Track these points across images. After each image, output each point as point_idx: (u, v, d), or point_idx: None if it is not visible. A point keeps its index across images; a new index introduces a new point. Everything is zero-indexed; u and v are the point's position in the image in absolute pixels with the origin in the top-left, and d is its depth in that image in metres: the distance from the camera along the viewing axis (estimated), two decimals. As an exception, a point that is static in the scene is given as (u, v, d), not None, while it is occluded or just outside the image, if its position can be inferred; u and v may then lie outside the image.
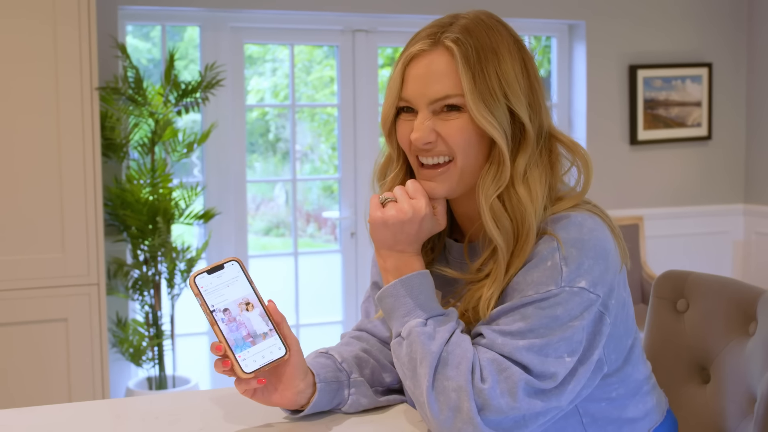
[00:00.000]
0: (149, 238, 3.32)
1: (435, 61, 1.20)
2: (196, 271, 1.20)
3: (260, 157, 6.04)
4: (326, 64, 5.05)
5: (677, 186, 4.48)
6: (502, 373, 1.12)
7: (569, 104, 4.40)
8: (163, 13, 3.76)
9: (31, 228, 2.97)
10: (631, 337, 1.28)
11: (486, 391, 1.11)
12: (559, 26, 4.36)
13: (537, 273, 1.15)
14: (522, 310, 1.14)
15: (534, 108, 1.22)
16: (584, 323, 1.15)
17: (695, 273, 1.58)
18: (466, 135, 1.20)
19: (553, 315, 1.13)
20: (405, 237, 1.21)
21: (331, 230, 5.62)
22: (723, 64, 4.50)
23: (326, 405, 1.29)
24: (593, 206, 1.24)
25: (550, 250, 1.16)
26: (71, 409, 1.38)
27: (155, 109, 3.35)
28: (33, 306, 2.98)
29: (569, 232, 1.17)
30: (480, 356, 1.14)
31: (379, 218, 1.21)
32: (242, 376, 1.16)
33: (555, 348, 1.13)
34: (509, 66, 1.19)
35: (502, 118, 1.18)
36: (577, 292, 1.14)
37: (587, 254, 1.16)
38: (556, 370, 1.13)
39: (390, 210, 1.21)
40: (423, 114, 1.21)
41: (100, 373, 3.07)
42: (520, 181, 1.19)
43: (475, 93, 1.17)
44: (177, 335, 3.62)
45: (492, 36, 1.20)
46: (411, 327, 1.16)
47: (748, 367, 1.40)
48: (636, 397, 1.29)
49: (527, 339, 1.13)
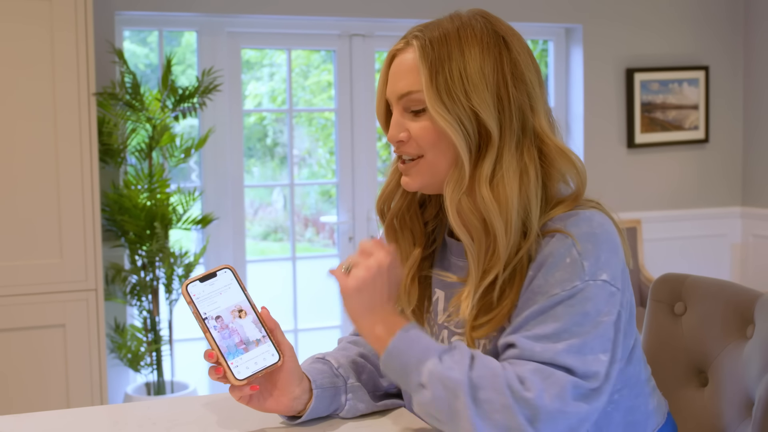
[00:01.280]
0: (147, 244, 3.32)
1: (404, 59, 1.22)
2: (188, 279, 1.20)
3: (258, 162, 6.05)
4: (323, 68, 5.06)
5: (675, 189, 4.49)
6: (548, 380, 1.09)
7: (566, 108, 4.40)
8: (160, 19, 3.76)
9: (29, 233, 2.96)
10: (633, 337, 1.27)
11: (533, 399, 1.07)
12: (556, 30, 4.36)
13: (558, 272, 1.14)
14: (552, 311, 1.13)
15: (508, 107, 1.19)
16: (612, 318, 1.14)
17: (693, 276, 1.58)
18: (433, 134, 1.20)
19: (584, 311, 1.12)
20: (380, 293, 1.20)
21: (329, 235, 5.62)
22: (720, 67, 4.51)
23: (323, 411, 1.29)
24: (596, 203, 1.24)
25: (565, 247, 1.15)
26: (70, 415, 1.38)
27: (152, 115, 3.35)
28: (31, 312, 2.98)
29: (580, 228, 1.16)
30: (521, 369, 1.10)
31: (351, 286, 1.19)
32: (234, 383, 1.16)
33: (591, 347, 1.12)
34: (476, 64, 1.17)
35: (463, 117, 1.17)
36: (601, 285, 1.14)
37: (602, 247, 1.16)
38: (597, 369, 1.11)
39: (358, 272, 1.19)
40: (396, 111, 1.24)
41: (98, 378, 3.06)
42: (485, 183, 1.18)
43: (432, 90, 1.17)
44: (175, 340, 3.62)
45: (464, 34, 1.19)
46: (429, 370, 1.12)
47: (746, 370, 1.40)
48: (638, 399, 1.28)
49: (564, 340, 1.11)
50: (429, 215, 1.35)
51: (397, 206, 1.33)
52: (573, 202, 1.22)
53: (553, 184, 1.23)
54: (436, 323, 1.31)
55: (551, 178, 1.22)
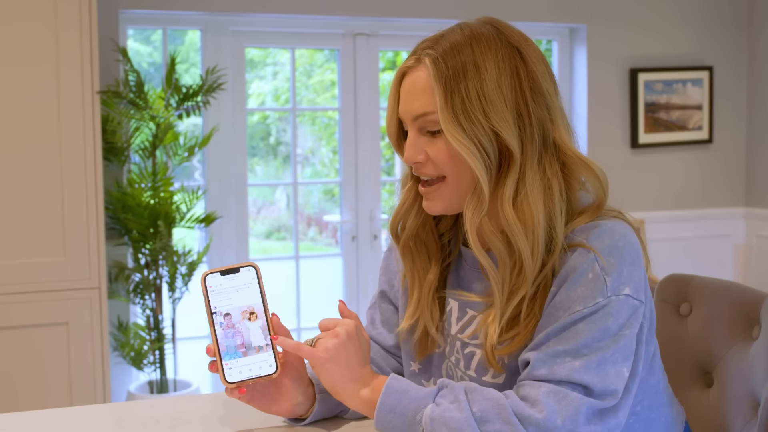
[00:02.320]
0: (150, 242, 3.32)
1: (417, 78, 1.18)
2: (210, 269, 1.18)
3: (261, 161, 6.04)
4: (327, 67, 5.06)
5: (678, 189, 4.48)
6: (561, 402, 1.08)
7: (570, 108, 4.40)
8: (164, 17, 3.76)
9: (33, 232, 2.96)
10: (653, 345, 1.25)
11: (543, 421, 1.06)
12: (560, 30, 4.36)
13: (581, 287, 1.11)
14: (573, 327, 1.11)
15: (529, 123, 1.15)
16: (633, 330, 1.13)
17: (698, 277, 1.57)
18: (452, 155, 1.16)
19: (605, 327, 1.10)
20: (355, 357, 1.18)
21: (332, 234, 5.62)
22: (724, 67, 4.50)
23: (327, 413, 1.29)
24: (617, 212, 1.21)
25: (588, 262, 1.12)
26: (73, 413, 1.37)
27: (156, 113, 3.35)
28: (34, 310, 2.98)
29: (603, 241, 1.13)
30: (535, 392, 1.09)
31: (323, 357, 1.16)
32: (223, 382, 1.15)
33: (613, 361, 1.10)
34: (493, 81, 1.13)
35: (483, 137, 1.13)
36: (624, 299, 1.12)
37: (624, 260, 1.13)
38: (616, 387, 1.10)
39: (326, 342, 1.16)
40: (412, 132, 1.20)
41: (102, 376, 3.06)
42: (508, 203, 1.14)
43: (447, 112, 1.13)
44: (178, 339, 3.62)
45: (478, 49, 1.15)
46: (429, 417, 1.10)
47: (752, 371, 1.40)
48: (659, 409, 1.27)
49: (583, 356, 1.09)
50: (444, 227, 1.31)
51: (413, 226, 1.28)
52: (595, 212, 1.19)
53: (574, 195, 1.19)
54: (449, 334, 1.29)
55: (572, 188, 1.19)
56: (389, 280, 1.41)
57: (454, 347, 1.27)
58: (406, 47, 4.21)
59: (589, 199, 1.21)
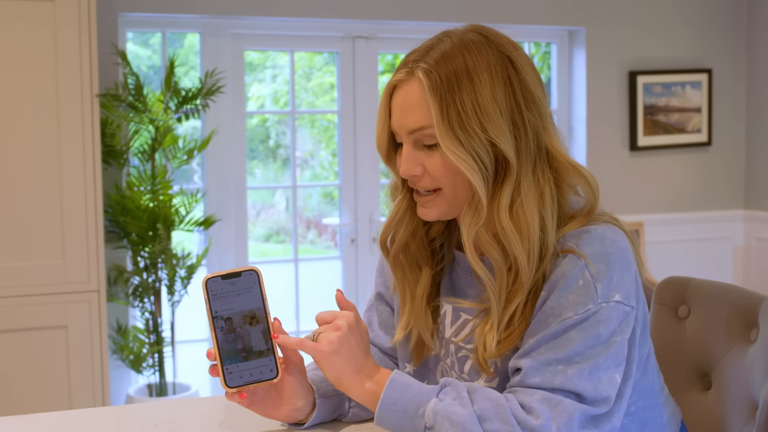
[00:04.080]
0: (149, 245, 3.32)
1: (410, 91, 1.17)
2: (211, 273, 1.18)
3: (260, 164, 6.05)
4: (326, 70, 5.06)
5: (677, 192, 4.48)
6: (555, 408, 1.09)
7: (569, 110, 4.40)
8: (163, 20, 3.76)
9: (32, 234, 2.97)
10: (647, 346, 1.25)
11: (539, 428, 1.07)
12: (559, 32, 4.36)
13: (571, 294, 1.12)
14: (564, 335, 1.11)
15: (524, 131, 1.16)
16: (625, 336, 1.13)
17: (697, 279, 1.57)
18: (449, 168, 1.16)
19: (596, 334, 1.11)
20: (357, 349, 1.18)
21: (331, 237, 5.62)
22: (723, 70, 4.51)
23: (327, 418, 1.29)
24: (609, 216, 1.22)
25: (578, 268, 1.13)
26: (72, 416, 1.37)
27: (155, 116, 3.35)
28: (33, 313, 2.98)
29: (593, 247, 1.14)
30: (528, 398, 1.10)
31: (327, 350, 1.16)
32: (224, 387, 1.15)
33: (605, 368, 1.11)
34: (488, 91, 1.13)
35: (480, 149, 1.14)
36: (614, 306, 1.12)
37: (614, 267, 1.14)
38: (608, 393, 1.11)
39: (328, 336, 1.16)
40: (406, 145, 1.19)
41: (101, 379, 3.06)
42: (504, 212, 1.15)
43: (444, 126, 1.13)
44: (177, 342, 3.62)
45: (470, 59, 1.14)
46: (432, 410, 1.11)
47: (750, 373, 1.40)
48: (654, 410, 1.27)
49: (575, 364, 1.10)
50: (436, 231, 1.31)
51: (402, 238, 1.28)
52: (586, 217, 1.19)
53: (564, 200, 1.20)
54: (444, 337, 1.29)
55: (563, 193, 1.20)
56: (385, 282, 1.41)
57: (449, 350, 1.28)
58: (404, 50, 4.19)
59: (580, 203, 1.21)
